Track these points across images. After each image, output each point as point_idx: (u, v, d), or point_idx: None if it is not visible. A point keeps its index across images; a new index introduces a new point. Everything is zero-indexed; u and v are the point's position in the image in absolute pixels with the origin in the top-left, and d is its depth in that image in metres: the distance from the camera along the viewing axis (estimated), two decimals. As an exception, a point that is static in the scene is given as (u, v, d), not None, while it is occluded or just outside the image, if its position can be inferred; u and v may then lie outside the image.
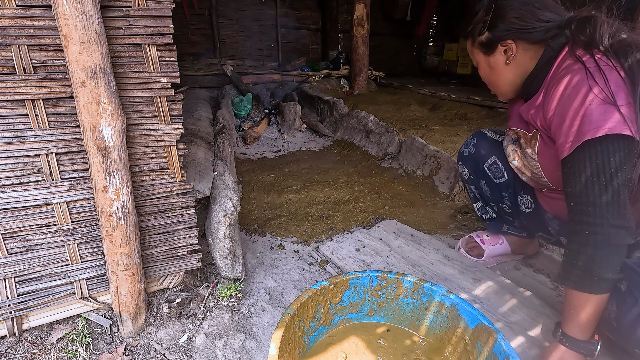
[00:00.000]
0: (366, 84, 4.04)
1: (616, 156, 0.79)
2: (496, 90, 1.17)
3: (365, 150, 2.82)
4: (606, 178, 0.80)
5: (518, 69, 1.05)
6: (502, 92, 1.15)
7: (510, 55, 1.03)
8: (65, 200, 0.98)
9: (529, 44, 1.01)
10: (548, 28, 0.97)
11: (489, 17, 1.03)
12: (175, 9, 0.95)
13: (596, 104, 0.80)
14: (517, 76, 1.06)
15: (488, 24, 1.03)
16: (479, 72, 1.16)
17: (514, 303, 1.19)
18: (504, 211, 1.40)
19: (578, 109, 0.83)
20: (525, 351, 1.02)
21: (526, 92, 1.08)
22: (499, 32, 1.02)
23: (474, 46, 1.11)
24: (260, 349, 1.08)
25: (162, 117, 1.01)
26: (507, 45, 1.02)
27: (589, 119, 0.81)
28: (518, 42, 1.01)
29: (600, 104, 0.80)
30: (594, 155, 0.81)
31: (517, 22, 0.99)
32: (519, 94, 1.12)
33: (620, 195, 0.80)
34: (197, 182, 1.33)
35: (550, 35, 0.97)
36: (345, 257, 1.46)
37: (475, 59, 1.15)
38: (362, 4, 3.73)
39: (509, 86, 1.11)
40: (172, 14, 0.94)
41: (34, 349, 1.02)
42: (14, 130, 0.89)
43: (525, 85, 1.06)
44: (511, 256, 1.49)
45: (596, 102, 0.80)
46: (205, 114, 2.62)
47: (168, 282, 1.21)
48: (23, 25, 0.83)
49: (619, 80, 0.81)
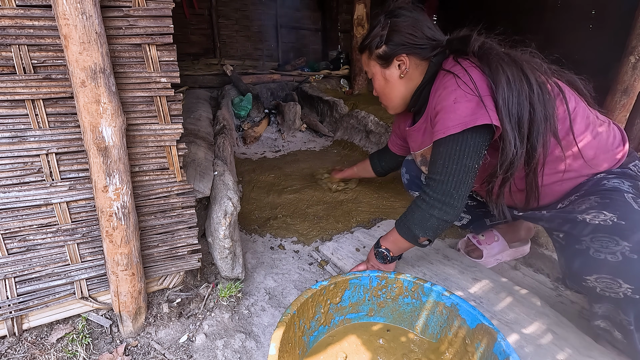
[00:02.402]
0: (366, 84, 4.03)
1: (468, 147, 0.98)
2: (388, 104, 1.28)
3: (365, 150, 2.82)
4: (456, 164, 0.99)
5: (409, 83, 1.18)
6: (393, 106, 1.27)
7: (404, 70, 1.15)
8: (65, 200, 0.98)
9: (419, 60, 1.14)
10: (434, 46, 1.13)
11: (385, 32, 1.13)
12: (175, 9, 0.95)
13: (462, 101, 0.97)
14: (408, 90, 1.20)
15: (385, 38, 1.13)
16: (374, 85, 1.26)
17: (512, 302, 1.19)
18: (471, 207, 1.46)
19: (448, 107, 1.00)
20: (520, 349, 1.02)
21: (413, 105, 1.23)
22: (395, 46, 1.13)
23: (371, 58, 1.20)
24: (260, 349, 1.08)
25: (162, 117, 1.01)
26: (402, 59, 1.14)
27: (453, 115, 0.98)
28: (411, 57, 1.14)
29: (465, 101, 0.97)
30: (453, 146, 0.99)
31: (410, 37, 1.12)
32: (407, 107, 1.26)
33: (462, 180, 1.00)
34: (197, 182, 1.33)
35: (436, 52, 1.12)
36: (345, 257, 1.46)
37: (370, 71, 1.24)
38: (362, 4, 3.73)
39: (401, 99, 1.23)
40: (172, 14, 0.94)
41: (34, 349, 1.02)
42: (14, 130, 0.89)
43: (413, 98, 1.20)
44: (510, 252, 1.49)
45: (462, 99, 0.97)
46: (205, 114, 2.62)
47: (168, 282, 1.21)
48: (23, 25, 0.83)
49: (480, 75, 0.98)
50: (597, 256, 0.91)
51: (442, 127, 1.00)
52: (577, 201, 1.02)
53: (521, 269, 1.46)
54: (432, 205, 1.05)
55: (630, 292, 0.89)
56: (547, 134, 0.97)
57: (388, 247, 1.21)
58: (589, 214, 0.93)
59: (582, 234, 0.94)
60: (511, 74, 0.96)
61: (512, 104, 0.95)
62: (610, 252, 0.89)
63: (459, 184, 1.01)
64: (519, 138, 0.96)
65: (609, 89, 2.20)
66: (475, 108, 0.96)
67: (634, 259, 0.85)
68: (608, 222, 0.89)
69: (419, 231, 1.10)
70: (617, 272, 0.88)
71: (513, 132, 0.95)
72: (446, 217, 1.04)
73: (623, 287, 0.89)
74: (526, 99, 0.95)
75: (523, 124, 0.96)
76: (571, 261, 0.98)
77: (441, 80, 1.06)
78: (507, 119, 0.95)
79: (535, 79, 0.98)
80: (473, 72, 0.99)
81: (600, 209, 0.92)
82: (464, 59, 1.04)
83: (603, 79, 1.09)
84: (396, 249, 1.20)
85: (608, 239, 0.89)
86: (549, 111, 0.97)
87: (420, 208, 1.08)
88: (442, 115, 1.01)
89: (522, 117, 0.95)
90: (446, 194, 1.02)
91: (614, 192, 0.95)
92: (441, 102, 1.02)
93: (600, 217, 0.91)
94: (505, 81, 0.95)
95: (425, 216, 1.07)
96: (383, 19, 1.15)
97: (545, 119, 0.96)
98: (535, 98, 0.96)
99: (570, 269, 0.99)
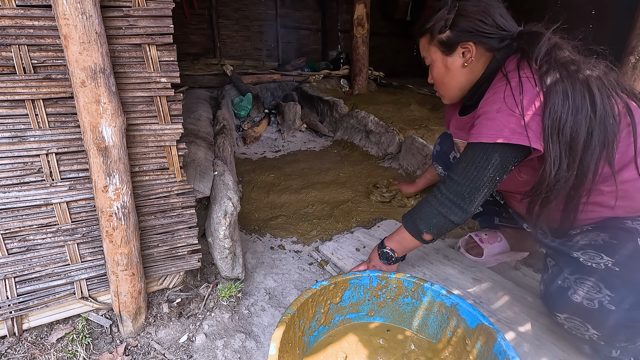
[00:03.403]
0: (366, 84, 4.04)
1: (494, 160, 0.94)
2: (445, 93, 1.18)
3: (365, 150, 2.82)
4: (478, 172, 0.97)
5: (471, 74, 1.08)
6: (450, 96, 1.17)
7: (469, 58, 1.05)
8: (65, 200, 0.98)
9: (485, 50, 1.04)
10: (503, 37, 1.02)
11: (452, 16, 1.02)
12: (175, 9, 0.95)
13: (505, 113, 0.91)
14: (468, 81, 1.10)
15: (450, 22, 1.03)
16: (432, 72, 1.16)
17: (512, 302, 1.19)
18: (487, 203, 1.44)
19: (490, 113, 0.94)
20: (519, 348, 1.02)
21: (469, 99, 1.14)
22: (460, 33, 1.03)
23: (432, 44, 1.10)
24: (260, 349, 1.08)
25: (162, 117, 1.01)
26: (467, 47, 1.04)
27: (491, 124, 0.93)
28: (477, 46, 1.04)
29: (508, 115, 0.91)
30: (480, 153, 0.96)
31: (479, 24, 1.01)
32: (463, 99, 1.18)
33: (479, 188, 0.98)
34: (197, 182, 1.33)
35: (504, 44, 1.02)
36: (345, 257, 1.46)
37: (430, 57, 1.13)
38: (362, 4, 3.73)
39: (459, 90, 1.13)
40: (172, 14, 0.94)
41: (34, 349, 1.02)
42: (14, 130, 0.89)
43: (471, 91, 1.12)
44: (511, 254, 1.49)
45: (505, 112, 0.91)
46: (205, 114, 2.62)
47: (168, 282, 1.21)
48: (23, 25, 0.83)
49: (534, 91, 0.89)
50: (574, 299, 0.88)
51: (477, 132, 0.96)
52: (587, 233, 0.96)
53: (521, 269, 1.46)
54: (442, 202, 1.03)
55: (596, 337, 0.87)
56: (602, 161, 0.88)
57: (393, 248, 1.18)
58: (587, 253, 0.89)
59: (569, 271, 0.91)
60: (572, 88, 0.87)
61: (565, 123, 0.86)
62: (588, 298, 0.85)
63: (474, 191, 0.98)
64: (568, 159, 0.88)
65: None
66: (516, 125, 0.89)
67: (611, 310, 0.82)
68: (601, 265, 0.85)
69: (424, 226, 1.08)
70: (589, 318, 0.86)
71: (561, 153, 0.87)
72: (453, 217, 1.02)
73: (590, 332, 0.87)
74: (585, 119, 0.86)
75: (577, 145, 0.87)
76: (548, 291, 0.96)
77: (496, 83, 0.99)
78: (556, 138, 0.87)
79: (601, 98, 0.88)
80: (527, 86, 0.90)
81: (600, 250, 0.87)
82: (526, 66, 0.94)
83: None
84: (401, 249, 1.18)
85: (591, 285, 0.85)
86: (610, 137, 0.87)
87: (430, 203, 1.06)
88: (481, 119, 0.97)
89: (576, 138, 0.86)
90: (459, 196, 1.00)
91: (627, 234, 0.88)
92: (486, 106, 0.97)
93: (595, 260, 0.87)
94: (562, 97, 0.86)
95: (433, 212, 1.05)
96: (451, 0, 1.05)
97: (604, 144, 0.87)
98: (597, 119, 0.86)
99: (546, 298, 0.97)
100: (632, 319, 0.81)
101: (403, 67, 6.43)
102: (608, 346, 0.88)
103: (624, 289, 0.82)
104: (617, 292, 0.82)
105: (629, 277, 0.82)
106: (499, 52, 1.02)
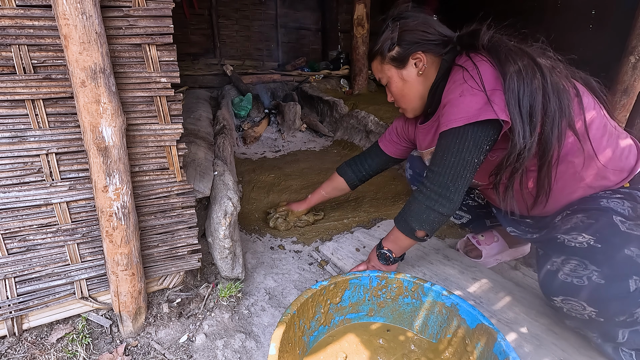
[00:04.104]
0: (366, 84, 4.03)
1: (468, 142, 0.97)
2: (407, 106, 1.23)
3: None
4: (455, 157, 0.99)
5: (427, 80, 1.15)
6: (413, 107, 1.22)
7: (422, 66, 1.12)
8: (65, 200, 0.98)
9: (434, 57, 1.12)
10: (446, 41, 1.11)
11: (396, 34, 1.11)
12: (175, 9, 0.95)
13: (467, 95, 0.96)
14: (425, 88, 1.16)
15: (397, 39, 1.11)
16: (390, 89, 1.21)
17: (512, 302, 1.19)
18: (472, 207, 1.45)
19: (454, 100, 0.99)
20: (519, 348, 1.02)
21: (430, 104, 1.19)
22: (408, 45, 1.11)
23: (384, 63, 1.17)
24: (260, 349, 1.08)
25: (162, 117, 1.01)
26: (418, 57, 1.12)
27: (457, 109, 0.97)
28: (426, 54, 1.12)
29: (470, 95, 0.95)
30: (454, 139, 0.99)
31: (423, 34, 1.10)
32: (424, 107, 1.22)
33: (460, 173, 1.00)
34: (197, 182, 1.33)
35: (449, 48, 1.10)
36: (345, 257, 1.46)
37: (385, 76, 1.20)
38: (362, 4, 3.73)
39: (420, 99, 1.19)
40: (172, 14, 0.94)
41: (34, 349, 1.02)
42: (14, 130, 0.89)
43: (429, 96, 1.17)
44: (510, 252, 1.49)
45: (468, 93, 0.96)
46: (205, 114, 2.62)
47: (168, 282, 1.21)
48: (23, 25, 0.83)
49: (490, 69, 0.96)
50: (564, 279, 0.92)
51: (445, 120, 1.00)
52: (566, 218, 1.01)
53: (521, 269, 1.46)
54: (428, 197, 1.05)
55: (594, 314, 0.90)
56: (562, 124, 0.94)
57: (390, 248, 1.20)
58: (569, 234, 0.94)
59: (556, 254, 0.96)
60: (522, 64, 0.93)
61: (522, 94, 0.91)
62: (577, 276, 0.89)
63: (456, 177, 1.00)
64: (529, 128, 0.92)
65: (609, 89, 2.20)
66: (481, 103, 0.94)
67: (600, 284, 0.86)
68: (584, 244, 0.90)
69: (416, 224, 1.09)
70: (582, 295, 0.89)
71: (522, 123, 0.92)
72: (442, 209, 1.04)
73: (587, 310, 0.90)
74: (539, 89, 0.92)
75: (535, 114, 0.92)
76: (541, 278, 1.00)
77: (453, 76, 1.05)
78: (517, 110, 0.92)
79: (549, 70, 0.95)
80: (482, 66, 0.97)
81: (581, 230, 0.92)
82: (476, 54, 1.02)
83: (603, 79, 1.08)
84: (397, 249, 1.20)
85: (577, 263, 0.90)
86: (564, 101, 0.93)
87: (417, 200, 1.08)
88: (447, 108, 1.00)
89: (534, 107, 0.92)
90: (443, 186, 1.02)
91: (603, 213, 0.94)
92: (448, 95, 1.02)
93: (578, 239, 0.91)
94: (515, 71, 0.92)
95: (422, 208, 1.07)
96: (391, 22, 1.13)
97: (560, 109, 0.93)
98: (549, 87, 0.93)
99: (541, 285, 1.01)
100: (622, 289, 0.85)
101: (403, 67, 6.42)
102: (609, 324, 0.90)
103: (608, 263, 0.86)
104: (602, 266, 0.87)
105: (611, 251, 0.87)
106: (446, 54, 1.11)
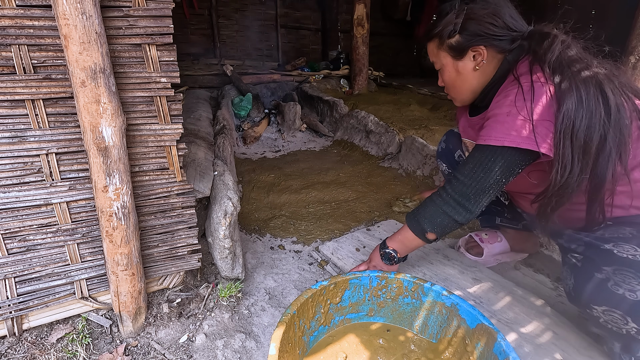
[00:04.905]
0: (366, 84, 4.04)
1: (501, 163, 0.95)
2: (457, 96, 1.16)
3: (365, 150, 2.82)
4: (484, 173, 0.97)
5: (482, 77, 1.07)
6: (462, 99, 1.16)
7: (480, 61, 1.03)
8: (65, 200, 0.98)
9: (496, 53, 1.02)
10: (514, 38, 1.00)
11: (460, 20, 1.00)
12: (175, 9, 0.95)
13: (515, 117, 0.91)
14: (480, 84, 1.08)
15: (459, 26, 1.01)
16: (442, 76, 1.14)
17: (512, 302, 1.19)
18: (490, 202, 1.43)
19: (500, 116, 0.94)
20: (519, 348, 1.02)
21: (481, 100, 1.12)
22: (470, 37, 1.01)
23: (441, 48, 1.08)
24: (260, 349, 1.08)
25: (162, 117, 1.01)
26: (478, 50, 1.02)
27: (500, 127, 0.93)
28: (488, 48, 1.02)
29: (518, 119, 0.90)
30: (488, 155, 0.96)
31: (490, 27, 0.99)
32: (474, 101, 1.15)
33: (484, 189, 0.99)
34: (197, 182, 1.33)
35: (515, 45, 1.00)
36: (345, 257, 1.46)
37: (440, 62, 1.12)
38: (362, 4, 3.73)
39: (471, 93, 1.12)
40: (172, 14, 0.94)
41: (34, 349, 1.02)
42: (14, 130, 0.89)
43: (482, 93, 1.10)
44: (511, 254, 1.49)
45: (516, 116, 0.91)
46: (205, 114, 2.62)
47: (168, 282, 1.21)
48: (23, 25, 0.83)
49: (545, 96, 0.88)
50: (614, 289, 0.85)
51: (485, 134, 0.96)
52: (609, 228, 0.95)
53: (521, 269, 1.46)
54: (447, 202, 1.04)
55: (634, 331, 0.85)
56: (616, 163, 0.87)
57: (395, 248, 1.18)
58: (617, 245, 0.87)
59: (605, 263, 0.88)
60: (586, 92, 0.86)
61: (579, 128, 0.85)
62: (630, 290, 0.83)
63: (480, 192, 0.99)
64: (582, 163, 0.86)
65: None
66: (525, 129, 0.89)
67: None
68: (637, 257, 0.83)
69: (428, 225, 1.08)
70: (630, 310, 0.83)
71: (573, 158, 0.86)
72: (457, 217, 1.02)
73: (629, 326, 0.85)
74: (599, 123, 0.85)
75: (590, 149, 0.86)
76: (582, 286, 0.92)
77: (507, 85, 0.98)
78: (568, 143, 0.86)
79: (615, 101, 0.86)
80: (539, 91, 0.89)
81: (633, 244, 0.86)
82: (538, 69, 0.92)
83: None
84: (403, 249, 1.18)
85: (633, 276, 0.83)
86: (624, 139, 0.86)
87: (435, 202, 1.07)
88: (491, 122, 0.96)
89: (590, 142, 0.85)
90: (464, 197, 1.00)
91: None
92: (496, 108, 0.96)
93: (630, 252, 0.85)
94: (575, 102, 0.85)
95: (438, 211, 1.05)
96: (458, 4, 1.02)
97: (618, 146, 0.86)
98: (611, 122, 0.85)
99: (579, 293, 0.93)
100: None
101: (403, 67, 6.43)
102: None
103: None
104: None
105: None
106: (510, 53, 1.01)
